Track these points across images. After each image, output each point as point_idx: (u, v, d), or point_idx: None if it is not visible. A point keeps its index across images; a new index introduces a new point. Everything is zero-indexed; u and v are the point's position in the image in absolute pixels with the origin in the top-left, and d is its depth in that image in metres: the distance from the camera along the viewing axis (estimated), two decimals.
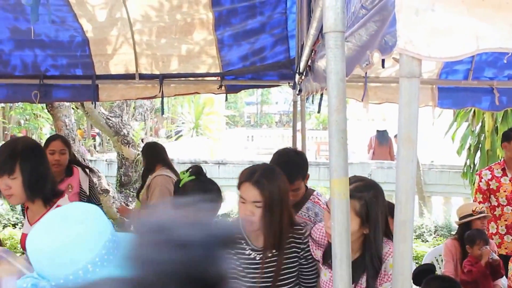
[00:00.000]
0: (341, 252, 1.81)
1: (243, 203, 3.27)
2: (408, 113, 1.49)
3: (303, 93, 5.68)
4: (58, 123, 9.42)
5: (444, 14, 1.36)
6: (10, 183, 3.26)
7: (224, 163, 13.78)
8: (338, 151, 1.77)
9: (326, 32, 1.74)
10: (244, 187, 3.28)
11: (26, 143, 3.45)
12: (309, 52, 3.88)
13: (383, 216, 3.05)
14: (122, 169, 10.34)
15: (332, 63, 1.74)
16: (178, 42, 5.80)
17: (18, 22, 5.41)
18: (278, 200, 3.27)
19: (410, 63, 1.44)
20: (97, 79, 6.15)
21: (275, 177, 3.33)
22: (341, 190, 1.79)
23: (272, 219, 3.26)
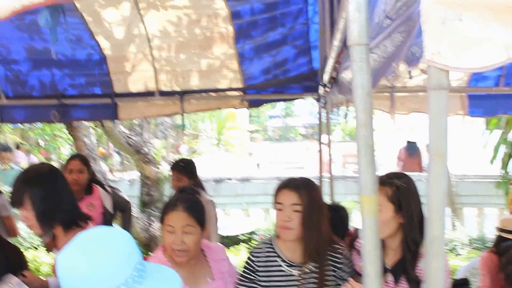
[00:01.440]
0: (372, 269, 1.76)
1: (281, 210, 3.26)
2: (437, 127, 1.45)
3: (328, 105, 5.56)
4: (78, 143, 9.35)
5: (472, 23, 1.31)
6: (26, 214, 3.20)
7: (249, 180, 13.63)
8: (367, 167, 1.72)
9: (350, 45, 1.69)
10: (281, 192, 3.29)
11: (37, 172, 3.38)
12: (333, 64, 3.77)
13: (417, 206, 3.09)
14: (144, 188, 10.22)
15: (358, 76, 1.69)
16: (198, 57, 5.68)
17: (34, 42, 5.36)
18: (317, 207, 3.26)
19: (438, 75, 1.40)
20: (116, 97, 6.05)
21: (314, 187, 3.35)
22: (370, 207, 1.74)
23: (311, 226, 3.24)
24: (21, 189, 3.19)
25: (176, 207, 3.24)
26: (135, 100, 6.17)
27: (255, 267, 3.43)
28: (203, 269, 3.41)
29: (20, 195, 3.18)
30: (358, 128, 1.71)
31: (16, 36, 5.30)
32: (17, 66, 5.79)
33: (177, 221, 3.21)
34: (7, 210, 6.55)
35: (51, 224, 3.26)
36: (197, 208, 3.31)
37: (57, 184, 3.32)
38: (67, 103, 6.10)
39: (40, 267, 8.86)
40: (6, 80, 5.93)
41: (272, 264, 3.41)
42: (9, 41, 5.44)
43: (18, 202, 3.19)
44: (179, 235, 3.19)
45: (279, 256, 3.41)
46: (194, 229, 3.22)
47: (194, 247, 3.23)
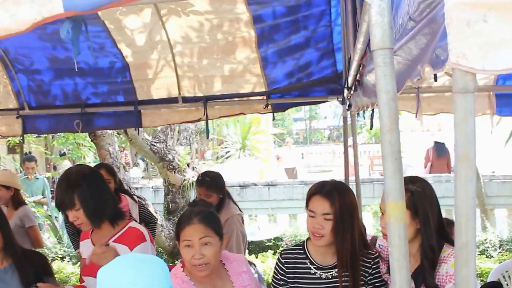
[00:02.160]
0: (400, 279, 1.71)
1: (312, 217, 3.25)
2: (464, 130, 1.40)
3: (353, 108, 5.50)
4: (102, 151, 9.37)
5: (497, 24, 1.27)
6: (76, 214, 3.42)
7: (274, 185, 13.58)
8: (393, 173, 1.67)
9: (373, 49, 1.65)
10: (313, 199, 3.28)
11: (80, 173, 3.59)
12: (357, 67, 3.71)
13: (434, 211, 3.06)
14: (169, 195, 10.21)
15: (382, 81, 1.65)
16: (221, 62, 5.65)
17: (57, 51, 5.39)
18: (350, 214, 3.25)
19: (464, 78, 1.35)
20: (139, 105, 6.04)
21: (346, 191, 3.33)
22: (398, 214, 1.69)
23: (344, 233, 3.23)
24: (69, 191, 3.40)
25: (192, 221, 3.14)
26: (158, 107, 6.16)
27: (284, 268, 3.46)
28: (225, 283, 3.33)
29: (69, 197, 3.39)
30: (383, 134, 1.67)
31: (38, 46, 5.33)
32: (39, 76, 5.82)
33: (194, 234, 3.12)
34: (31, 221, 6.56)
35: (101, 219, 3.51)
36: (213, 218, 3.25)
37: (99, 182, 3.60)
38: (90, 112, 6.11)
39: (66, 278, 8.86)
40: (29, 90, 5.97)
41: (301, 266, 3.43)
42: (32, 51, 5.47)
43: (69, 205, 3.40)
44: (198, 248, 3.10)
45: (308, 258, 3.43)
46: (212, 239, 3.13)
47: (214, 259, 3.15)
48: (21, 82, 5.89)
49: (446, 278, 2.90)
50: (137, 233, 3.53)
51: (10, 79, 5.87)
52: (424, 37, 1.61)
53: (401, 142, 1.73)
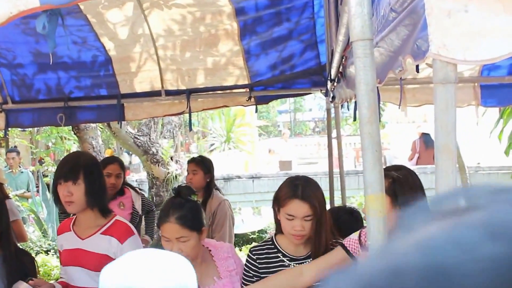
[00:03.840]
0: None
1: (291, 220, 3.23)
2: (445, 121, 1.41)
3: (336, 100, 5.50)
4: (85, 145, 9.34)
5: (479, 14, 1.28)
6: (73, 189, 3.44)
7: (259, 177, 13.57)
8: (373, 165, 1.68)
9: (353, 41, 1.66)
10: (291, 203, 3.23)
11: (88, 156, 3.85)
12: (339, 59, 3.72)
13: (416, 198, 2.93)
14: (153, 189, 10.19)
15: (362, 72, 1.65)
16: (203, 55, 5.64)
17: (40, 46, 5.35)
18: (324, 208, 3.30)
19: (445, 68, 1.36)
20: (122, 98, 6.02)
21: (317, 188, 3.33)
22: (377, 207, 1.70)
23: (322, 229, 3.28)
24: (77, 166, 3.48)
25: (168, 219, 3.20)
26: (141, 101, 6.14)
27: (257, 264, 3.46)
28: (209, 268, 3.42)
29: (76, 170, 3.45)
30: (362, 125, 1.67)
31: (21, 40, 5.29)
32: (22, 70, 5.78)
33: (171, 232, 3.20)
34: (15, 215, 6.50)
35: (95, 202, 3.53)
36: (190, 215, 3.28)
37: (102, 172, 3.74)
38: (73, 106, 6.08)
39: (51, 272, 8.83)
40: (12, 84, 5.93)
41: (273, 260, 3.45)
42: (14, 45, 5.44)
43: (73, 176, 3.43)
44: (175, 244, 3.18)
45: (280, 252, 3.45)
46: (188, 237, 3.20)
47: (192, 252, 3.20)
48: (4, 76, 5.85)
49: None
50: (125, 226, 3.57)
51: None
52: (405, 28, 1.63)
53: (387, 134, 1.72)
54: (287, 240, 3.41)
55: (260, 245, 3.62)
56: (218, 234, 5.72)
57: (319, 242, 3.30)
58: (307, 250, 3.40)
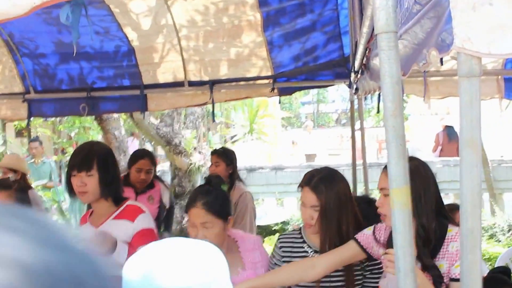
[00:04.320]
0: (405, 265, 1.71)
1: (304, 206, 3.32)
2: (470, 115, 1.40)
3: (360, 92, 5.48)
4: (108, 135, 9.39)
5: (503, 7, 1.25)
6: (86, 180, 3.41)
7: (281, 168, 13.53)
8: (397, 158, 1.67)
9: (378, 33, 1.63)
10: (303, 191, 3.33)
11: (101, 146, 3.82)
12: (363, 50, 3.69)
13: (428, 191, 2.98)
14: (175, 179, 10.21)
15: (386, 65, 1.63)
16: (227, 45, 5.62)
17: (62, 35, 5.36)
18: (336, 205, 3.28)
19: (469, 62, 1.34)
20: (145, 89, 6.02)
21: (334, 182, 3.34)
22: (402, 200, 1.68)
23: (328, 225, 3.29)
24: (90, 156, 3.45)
25: (195, 204, 3.28)
26: (164, 91, 6.14)
27: (280, 253, 3.52)
28: (234, 259, 3.40)
29: (89, 160, 3.42)
30: (386, 119, 1.65)
31: (43, 30, 5.31)
32: (45, 60, 5.81)
33: (196, 217, 3.26)
34: (38, 205, 6.56)
35: (108, 192, 3.49)
36: (217, 202, 3.33)
37: (115, 161, 3.67)
38: (96, 96, 6.10)
39: None
40: (35, 74, 5.96)
41: (297, 250, 3.48)
42: (37, 35, 5.46)
43: (86, 166, 3.40)
44: (200, 230, 3.24)
45: (305, 243, 3.48)
46: (213, 224, 3.25)
47: (216, 239, 3.22)
48: (27, 66, 5.88)
49: (456, 256, 2.88)
50: (135, 207, 3.56)
51: (15, 63, 5.85)
52: (429, 20, 1.62)
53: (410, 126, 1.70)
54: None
55: (288, 233, 3.70)
56: (239, 225, 5.73)
57: (324, 236, 3.32)
58: None
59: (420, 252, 2.96)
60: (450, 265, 2.88)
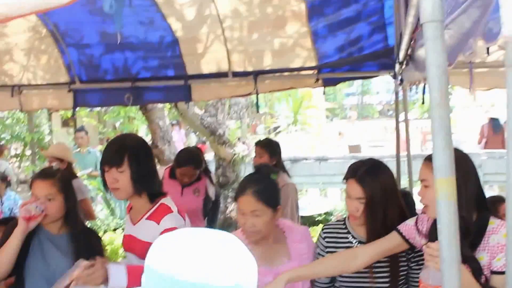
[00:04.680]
0: (450, 256, 1.71)
1: (349, 198, 3.30)
2: None
3: (404, 83, 5.42)
4: (152, 125, 9.47)
5: None
6: (118, 176, 3.33)
7: (325, 159, 13.51)
8: (443, 148, 1.66)
9: (423, 22, 1.61)
10: (348, 183, 3.31)
11: (135, 139, 3.59)
12: (408, 41, 3.65)
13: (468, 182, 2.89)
14: (219, 169, 10.24)
15: (432, 55, 1.60)
16: (271, 36, 5.61)
17: (107, 25, 5.40)
18: (381, 197, 3.25)
19: None
20: (189, 79, 6.05)
21: (380, 174, 3.31)
22: (448, 190, 1.67)
23: (374, 216, 3.27)
24: (121, 151, 3.34)
25: (245, 192, 3.27)
26: (208, 81, 6.15)
27: (324, 243, 3.50)
28: (280, 249, 3.44)
29: (120, 155, 3.31)
30: (433, 109, 1.63)
31: (88, 20, 5.36)
32: (90, 50, 5.87)
33: (246, 205, 3.26)
34: (83, 194, 6.64)
35: (141, 188, 3.41)
36: (267, 191, 3.32)
37: (150, 155, 3.55)
38: (140, 86, 6.14)
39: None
40: (80, 64, 6.03)
41: (341, 241, 3.47)
42: (82, 25, 5.52)
43: (116, 163, 3.32)
44: (249, 218, 3.24)
45: (350, 233, 3.47)
46: (262, 212, 3.25)
47: (264, 228, 3.27)
48: (72, 56, 5.95)
49: (497, 248, 2.83)
50: (165, 207, 3.46)
51: (60, 53, 5.93)
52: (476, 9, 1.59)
53: (454, 119, 1.67)
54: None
55: (332, 224, 3.67)
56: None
57: (370, 227, 3.31)
58: None
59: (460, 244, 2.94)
60: (491, 257, 2.83)
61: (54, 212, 3.71)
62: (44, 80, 6.29)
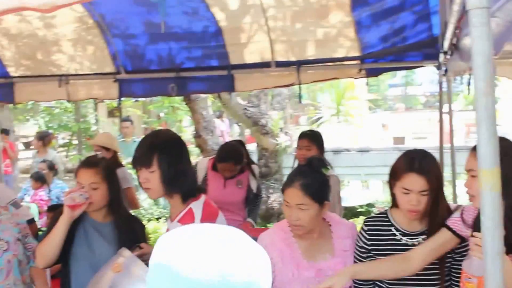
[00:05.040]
0: (493, 249, 1.67)
1: (406, 194, 3.17)
2: None
3: (449, 73, 5.36)
4: (196, 115, 9.53)
5: None
6: (149, 176, 3.26)
7: (367, 151, 13.45)
8: (488, 138, 1.63)
9: (469, 9, 1.59)
10: (408, 177, 3.16)
11: (167, 136, 3.45)
12: (453, 30, 3.61)
13: None
14: (262, 160, 10.27)
15: (478, 42, 1.59)
16: (314, 26, 5.59)
17: (151, 16, 5.46)
18: (441, 184, 3.22)
19: None
20: (233, 69, 6.07)
21: (434, 161, 3.26)
22: (492, 181, 1.64)
23: (439, 206, 3.21)
24: (150, 151, 3.25)
25: (293, 184, 3.25)
26: (251, 72, 6.17)
27: (366, 236, 3.44)
28: (324, 244, 3.42)
29: (149, 156, 3.24)
30: (477, 98, 1.61)
31: (133, 10, 5.43)
32: (135, 40, 5.93)
33: (292, 198, 3.23)
34: (128, 182, 6.72)
35: (173, 189, 3.30)
36: (315, 185, 3.28)
37: (183, 153, 3.41)
38: (184, 76, 6.19)
39: None
40: (125, 54, 6.10)
41: (384, 233, 3.41)
42: (127, 15, 5.58)
43: (145, 163, 3.25)
44: (295, 211, 3.22)
45: (393, 225, 3.40)
46: (309, 206, 3.22)
47: (309, 223, 3.24)
48: (117, 46, 6.02)
49: None
50: (190, 215, 3.28)
51: (106, 43, 6.00)
52: None
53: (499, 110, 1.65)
54: (401, 214, 3.36)
55: (374, 216, 3.60)
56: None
57: (435, 219, 3.23)
58: (421, 226, 3.35)
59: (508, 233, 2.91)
60: None
61: (98, 200, 3.77)
62: (90, 70, 6.39)
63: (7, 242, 3.88)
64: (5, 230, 3.90)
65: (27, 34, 5.97)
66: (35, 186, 9.56)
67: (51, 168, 9.96)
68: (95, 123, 18.19)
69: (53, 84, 6.38)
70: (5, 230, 3.90)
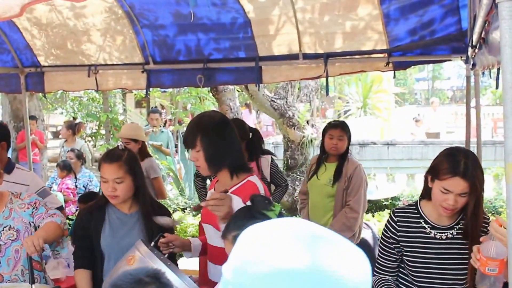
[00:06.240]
0: None
1: (445, 193, 3.17)
2: None
3: (477, 67, 5.33)
4: (223, 107, 9.56)
5: None
6: (196, 155, 3.53)
7: (394, 144, 13.41)
8: None
9: (499, 2, 1.59)
10: (452, 180, 3.14)
11: (210, 117, 3.69)
12: (482, 23, 3.60)
13: None
14: (288, 152, 10.28)
15: (507, 35, 1.59)
16: (342, 18, 5.58)
17: (180, 7, 5.48)
18: (482, 186, 3.21)
19: None
20: (260, 61, 6.08)
21: (476, 161, 3.24)
22: None
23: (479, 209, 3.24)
24: (194, 132, 3.53)
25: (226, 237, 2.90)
26: (279, 64, 6.19)
27: (396, 227, 3.45)
28: None
29: (193, 137, 3.51)
30: (505, 91, 1.61)
31: (162, 1, 5.46)
32: (164, 31, 5.97)
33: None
34: (156, 173, 6.78)
35: (219, 167, 3.59)
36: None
37: (226, 132, 3.59)
38: (212, 67, 6.22)
39: (187, 229, 9.12)
40: (154, 44, 6.14)
41: (414, 225, 3.42)
42: (156, 6, 5.61)
43: (190, 144, 3.53)
44: None
45: (423, 218, 3.41)
46: None
47: None
48: (146, 37, 6.06)
49: None
50: (253, 187, 3.49)
51: (135, 33, 6.05)
52: None
53: None
54: (432, 208, 3.37)
55: (403, 208, 3.59)
56: (353, 198, 5.76)
57: (476, 222, 3.24)
58: (451, 220, 3.36)
59: None
60: None
61: (123, 193, 3.86)
62: (119, 60, 6.45)
63: (17, 230, 3.90)
64: (16, 217, 3.92)
65: (57, 24, 6.03)
66: (61, 174, 9.65)
67: (79, 157, 10.06)
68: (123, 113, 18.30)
69: (83, 73, 6.46)
70: (16, 217, 3.92)
